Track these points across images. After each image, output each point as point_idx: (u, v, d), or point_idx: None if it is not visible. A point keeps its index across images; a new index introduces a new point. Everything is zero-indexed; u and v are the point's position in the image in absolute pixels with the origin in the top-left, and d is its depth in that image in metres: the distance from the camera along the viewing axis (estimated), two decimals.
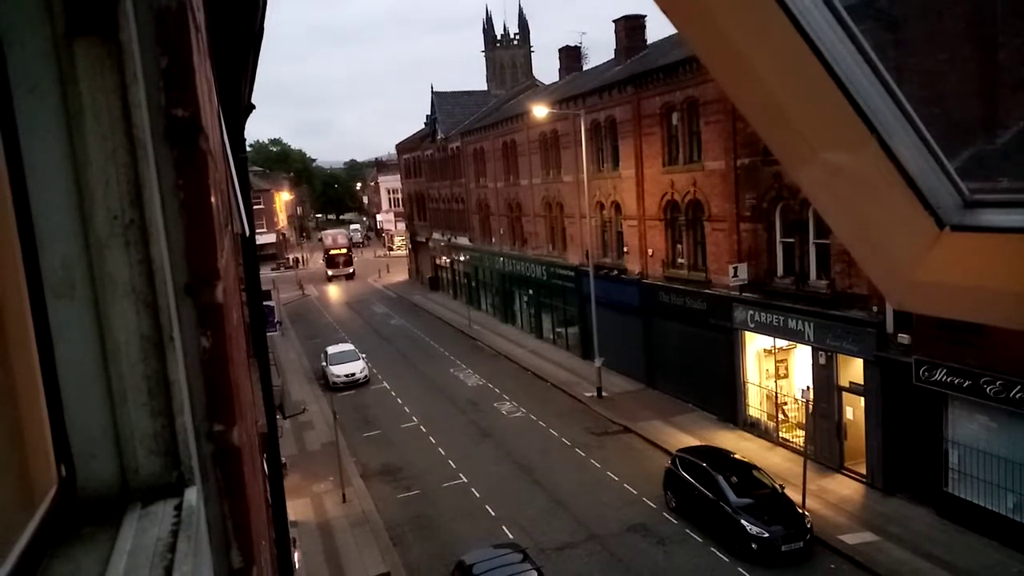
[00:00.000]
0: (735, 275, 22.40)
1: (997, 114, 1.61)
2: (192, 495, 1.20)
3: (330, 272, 71.58)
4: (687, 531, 17.96)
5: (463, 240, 49.61)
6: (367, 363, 34.45)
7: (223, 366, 1.34)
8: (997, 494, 16.12)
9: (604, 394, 28.02)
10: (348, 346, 35.95)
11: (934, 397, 16.96)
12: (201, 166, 1.29)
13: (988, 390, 15.63)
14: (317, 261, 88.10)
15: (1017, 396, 15.12)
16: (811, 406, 19.63)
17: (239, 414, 1.52)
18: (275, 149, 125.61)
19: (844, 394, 19.99)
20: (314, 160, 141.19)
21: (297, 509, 19.90)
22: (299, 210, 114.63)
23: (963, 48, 1.53)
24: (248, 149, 7.08)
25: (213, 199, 1.39)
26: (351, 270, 72.30)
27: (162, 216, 1.21)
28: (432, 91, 53.03)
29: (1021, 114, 1.61)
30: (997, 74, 1.62)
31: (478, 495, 20.92)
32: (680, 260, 26.26)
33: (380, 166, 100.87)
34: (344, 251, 73.40)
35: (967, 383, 16.03)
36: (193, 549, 1.05)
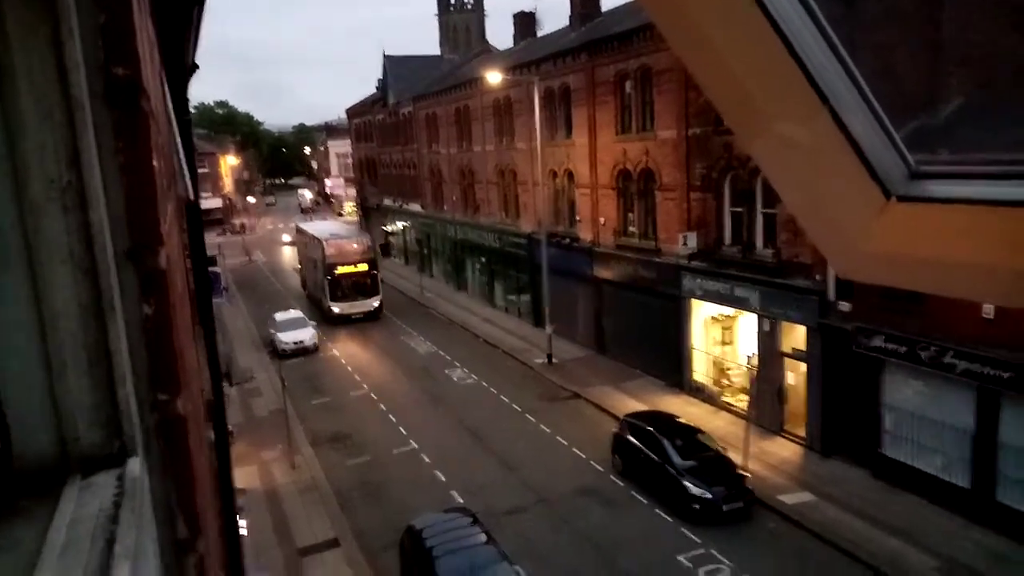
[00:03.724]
0: (684, 244, 22.70)
1: (943, 88, 1.64)
2: (135, 465, 1.17)
3: (336, 309, 37.45)
4: (633, 493, 18.36)
5: (415, 206, 49.15)
6: (316, 330, 34.08)
7: (167, 334, 1.30)
8: (928, 455, 16.85)
9: (555, 361, 28.29)
10: (297, 313, 35.34)
11: (872, 363, 17.54)
12: (142, 128, 1.25)
13: (923, 355, 16.23)
14: (265, 226, 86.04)
15: (948, 361, 15.74)
16: (755, 372, 20.13)
17: (184, 383, 1.48)
18: (221, 112, 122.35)
19: (786, 360, 20.54)
20: (261, 123, 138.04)
21: (245, 477, 19.73)
22: (246, 174, 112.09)
23: (912, 24, 1.56)
24: (192, 111, 6.86)
25: (155, 162, 1.34)
26: (377, 304, 38.36)
27: (102, 180, 1.17)
28: (384, 55, 52.28)
29: (964, 88, 1.65)
30: (942, 50, 1.66)
31: (428, 461, 21.03)
32: (631, 229, 26.49)
33: (330, 131, 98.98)
34: (365, 268, 38.18)
35: (903, 349, 16.62)
36: (136, 520, 1.03)
